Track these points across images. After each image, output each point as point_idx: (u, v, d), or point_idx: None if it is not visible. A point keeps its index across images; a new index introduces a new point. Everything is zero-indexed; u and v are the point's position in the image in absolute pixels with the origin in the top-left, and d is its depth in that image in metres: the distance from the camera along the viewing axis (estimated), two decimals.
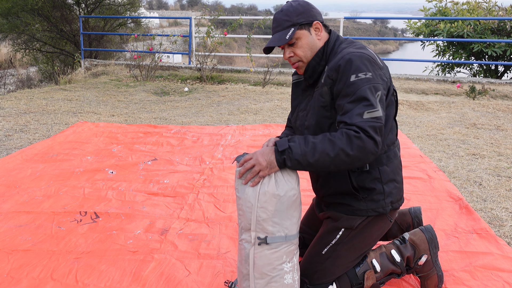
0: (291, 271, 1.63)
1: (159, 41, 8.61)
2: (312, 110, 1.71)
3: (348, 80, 1.55)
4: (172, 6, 65.99)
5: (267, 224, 1.57)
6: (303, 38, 1.69)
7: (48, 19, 11.90)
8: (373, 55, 1.64)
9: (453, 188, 2.89)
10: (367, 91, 1.52)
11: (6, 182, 2.99)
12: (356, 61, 1.56)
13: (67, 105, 5.63)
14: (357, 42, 1.72)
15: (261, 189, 1.57)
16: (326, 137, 1.52)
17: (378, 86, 1.56)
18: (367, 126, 1.48)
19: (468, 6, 9.21)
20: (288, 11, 1.70)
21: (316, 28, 1.70)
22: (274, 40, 1.70)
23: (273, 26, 1.74)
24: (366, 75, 1.55)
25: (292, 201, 1.60)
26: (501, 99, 6.48)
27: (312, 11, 1.71)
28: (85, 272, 1.98)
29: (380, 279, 1.77)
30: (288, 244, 1.61)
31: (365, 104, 1.51)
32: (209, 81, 8.05)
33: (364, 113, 1.50)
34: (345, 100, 1.55)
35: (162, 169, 3.29)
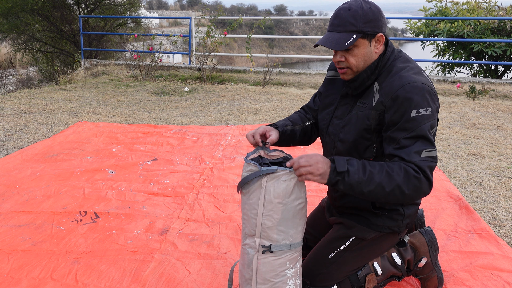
0: (293, 277, 1.62)
1: (159, 41, 8.61)
2: (351, 126, 1.62)
3: (407, 115, 1.47)
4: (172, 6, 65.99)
5: (272, 232, 1.55)
6: (362, 47, 1.55)
7: (48, 19, 11.90)
8: (431, 84, 1.55)
9: (453, 188, 2.89)
10: (427, 129, 1.46)
11: (6, 182, 2.99)
12: (418, 94, 1.47)
13: (67, 105, 5.63)
14: (412, 63, 1.60)
15: (266, 196, 1.53)
16: (384, 168, 1.44)
17: (434, 122, 1.50)
18: (426, 166, 1.44)
19: (468, 6, 9.21)
20: (357, 14, 1.52)
21: (378, 40, 1.57)
22: (331, 41, 1.54)
23: (333, 21, 1.57)
24: (427, 111, 1.47)
25: (298, 210, 1.57)
26: (501, 99, 6.48)
27: (381, 21, 1.56)
28: (85, 272, 1.98)
29: (381, 281, 1.77)
30: (292, 252, 1.60)
31: (425, 142, 1.46)
32: (209, 81, 8.05)
33: (423, 152, 1.45)
34: (401, 135, 1.47)
35: (162, 169, 3.29)
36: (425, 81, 1.52)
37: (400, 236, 1.75)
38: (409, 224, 1.74)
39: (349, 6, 1.55)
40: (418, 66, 1.60)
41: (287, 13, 67.51)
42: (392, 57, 1.61)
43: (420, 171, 1.43)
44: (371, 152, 1.61)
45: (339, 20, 1.55)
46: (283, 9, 66.71)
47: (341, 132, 1.65)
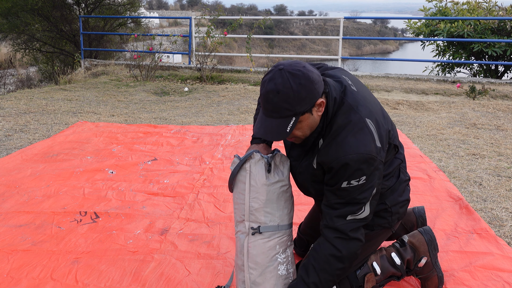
0: (285, 263, 1.67)
1: (159, 41, 8.61)
2: (305, 176, 1.64)
3: (339, 184, 1.49)
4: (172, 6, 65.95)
5: (260, 214, 1.64)
6: (304, 121, 1.47)
7: (48, 19, 11.89)
8: (370, 143, 1.47)
9: (453, 188, 2.89)
10: (357, 197, 1.50)
11: (6, 182, 2.99)
12: (351, 168, 1.45)
13: (67, 105, 5.63)
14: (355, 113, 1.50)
15: (252, 180, 1.64)
16: (317, 269, 1.54)
17: (372, 185, 1.51)
18: (348, 230, 1.52)
19: (468, 6, 9.21)
20: (288, 97, 1.39)
21: (318, 105, 1.46)
22: (272, 132, 1.45)
23: (265, 105, 1.44)
24: (359, 181, 1.47)
25: (282, 192, 1.66)
26: (501, 99, 6.48)
27: (315, 89, 1.42)
28: (85, 272, 1.98)
29: (380, 281, 1.77)
30: (280, 234, 1.66)
31: (352, 207, 1.51)
32: (209, 81, 8.05)
33: (348, 216, 1.52)
34: (333, 198, 1.53)
35: (162, 169, 3.29)
36: (361, 147, 1.45)
37: (393, 229, 1.77)
38: (400, 217, 1.76)
39: (276, 88, 1.40)
40: (361, 119, 1.49)
41: (287, 13, 67.51)
42: (335, 109, 1.51)
43: (342, 235, 1.52)
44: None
45: (271, 105, 1.42)
46: (283, 9, 66.69)
47: (299, 176, 1.69)
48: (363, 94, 1.59)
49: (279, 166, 1.69)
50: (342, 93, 1.54)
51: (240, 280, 1.69)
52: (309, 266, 1.56)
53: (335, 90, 1.52)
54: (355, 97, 1.54)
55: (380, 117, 1.58)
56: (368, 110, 1.53)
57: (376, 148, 1.49)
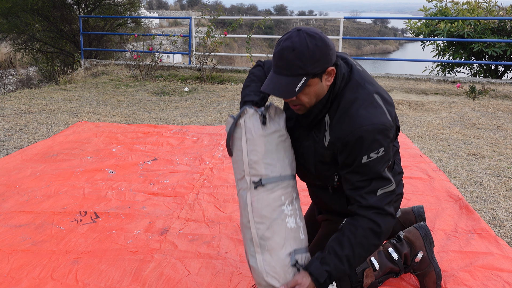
0: (293, 215, 1.59)
1: (159, 41, 8.61)
2: (308, 156, 1.62)
3: (358, 160, 1.46)
4: (172, 6, 65.94)
5: (260, 167, 1.56)
6: (313, 86, 1.46)
7: (48, 19, 11.89)
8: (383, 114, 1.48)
9: (453, 188, 2.89)
10: (381, 169, 1.47)
11: (6, 182, 2.99)
12: (368, 139, 1.44)
13: (67, 105, 5.63)
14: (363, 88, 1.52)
15: (248, 134, 1.57)
16: (353, 243, 1.48)
17: (389, 157, 1.49)
18: (384, 203, 1.47)
19: (468, 6, 9.21)
20: (303, 55, 1.40)
21: (329, 73, 1.47)
22: (280, 89, 1.44)
23: (278, 63, 1.44)
24: (378, 153, 1.45)
25: (280, 142, 1.60)
26: (501, 99, 6.48)
27: (329, 55, 1.44)
28: (85, 272, 1.98)
29: (379, 277, 1.78)
30: (284, 185, 1.59)
31: (379, 181, 1.47)
32: (209, 81, 8.05)
33: (378, 190, 1.47)
34: (355, 178, 1.48)
35: (162, 169, 3.29)
36: (376, 120, 1.45)
37: None
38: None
39: (292, 45, 1.41)
40: (369, 93, 1.51)
41: (287, 13, 67.50)
42: (343, 84, 1.52)
43: (379, 211, 1.48)
44: (333, 180, 1.62)
45: (285, 62, 1.42)
46: (283, 9, 66.69)
47: (300, 157, 1.66)
48: (368, 74, 1.62)
49: (274, 118, 1.61)
50: (349, 71, 1.55)
51: (248, 239, 1.58)
52: (344, 239, 1.49)
53: (343, 67, 1.54)
54: (361, 75, 1.56)
55: (386, 95, 1.59)
56: (375, 87, 1.56)
57: (389, 121, 1.50)
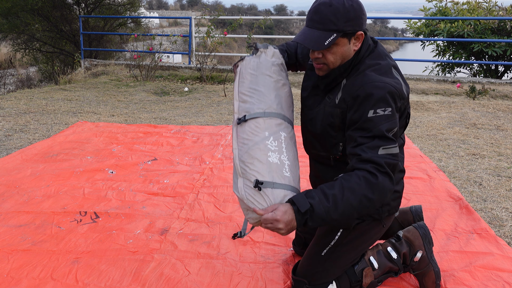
0: (277, 151, 1.56)
1: (159, 41, 8.60)
2: (318, 121, 1.64)
3: (365, 115, 1.46)
4: (172, 6, 65.89)
5: (245, 95, 1.66)
6: (341, 45, 1.52)
7: (48, 19, 11.89)
8: (398, 83, 1.51)
9: (453, 188, 2.89)
10: (384, 128, 1.45)
11: (6, 182, 2.99)
12: (377, 95, 1.45)
13: (67, 105, 5.63)
14: (383, 59, 1.57)
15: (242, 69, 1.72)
16: (343, 185, 1.41)
17: (395, 122, 1.48)
18: (383, 161, 1.43)
19: (468, 6, 9.21)
20: (338, 11, 1.47)
21: (357, 38, 1.53)
22: (311, 40, 1.49)
23: (312, 16, 1.51)
24: (385, 111, 1.45)
25: (271, 82, 1.66)
26: (501, 99, 6.48)
27: (362, 18, 1.51)
28: (85, 272, 1.98)
29: (378, 276, 1.78)
30: (269, 121, 1.60)
31: (382, 140, 1.45)
32: (209, 81, 8.05)
33: (380, 149, 1.44)
34: (359, 134, 1.47)
35: (162, 169, 3.29)
36: (389, 81, 1.49)
37: (383, 223, 1.74)
38: (391, 210, 1.73)
39: (330, 2, 1.48)
40: (389, 64, 1.56)
41: (287, 13, 67.46)
42: (366, 54, 1.58)
43: (377, 166, 1.42)
44: (337, 149, 1.63)
45: (319, 16, 1.49)
46: (283, 9, 66.65)
47: (309, 123, 1.69)
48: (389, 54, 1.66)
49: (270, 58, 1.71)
50: (374, 45, 1.61)
51: (234, 172, 1.60)
52: (336, 183, 1.44)
53: (370, 39, 1.60)
54: (385, 51, 1.62)
55: (402, 76, 1.61)
56: (395, 63, 1.60)
57: (401, 89, 1.51)
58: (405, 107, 1.58)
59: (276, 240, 2.26)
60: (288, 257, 2.11)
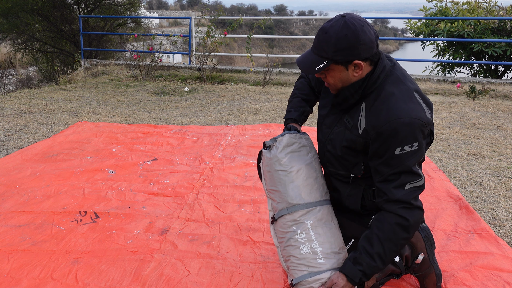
0: (306, 242, 1.67)
1: (159, 41, 8.61)
2: (337, 142, 1.65)
3: (391, 152, 1.47)
4: (172, 6, 65.86)
5: (270, 192, 1.77)
6: (337, 71, 1.54)
7: (48, 19, 11.89)
8: (422, 111, 1.50)
9: (453, 188, 2.89)
10: (411, 164, 1.47)
11: (6, 182, 2.99)
12: (403, 132, 1.45)
13: (67, 105, 5.63)
14: (404, 84, 1.55)
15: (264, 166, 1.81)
16: (381, 238, 1.52)
17: (421, 154, 1.50)
18: (411, 198, 1.48)
19: (468, 6, 9.21)
20: (329, 40, 1.48)
21: (356, 65, 1.52)
22: (305, 64, 1.56)
23: (314, 40, 1.57)
24: (412, 147, 1.46)
25: (285, 177, 1.72)
26: (501, 99, 6.48)
27: (356, 49, 1.48)
28: (85, 272, 1.98)
29: (380, 279, 1.78)
30: (289, 214, 1.70)
31: (408, 175, 1.48)
32: (209, 81, 8.05)
33: (406, 185, 1.48)
34: (385, 170, 1.49)
35: (162, 169, 3.29)
36: (415, 114, 1.48)
37: None
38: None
39: (327, 28, 1.50)
40: (410, 89, 1.55)
41: (287, 13, 67.44)
42: (383, 76, 1.56)
43: (406, 205, 1.50)
44: (359, 169, 1.64)
45: (316, 41, 1.54)
46: (283, 9, 66.63)
47: (329, 144, 1.70)
48: (409, 75, 1.66)
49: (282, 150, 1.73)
50: (392, 66, 1.60)
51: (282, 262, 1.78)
52: (373, 236, 1.53)
53: (386, 61, 1.59)
54: (404, 73, 1.61)
55: (425, 97, 1.61)
56: (415, 86, 1.60)
57: (427, 118, 1.52)
58: (430, 128, 1.57)
59: None
60: None
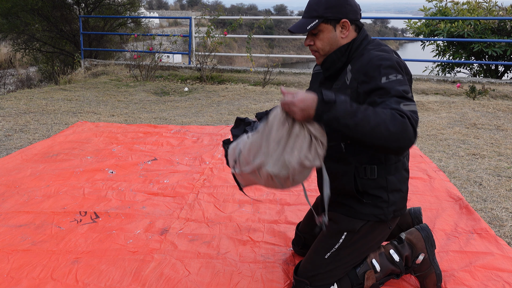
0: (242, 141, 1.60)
1: (159, 41, 8.61)
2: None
3: (378, 83, 1.50)
4: (172, 6, 65.82)
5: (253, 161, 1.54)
6: (326, 32, 1.66)
7: (48, 19, 11.89)
8: (402, 61, 1.60)
9: (453, 188, 2.89)
10: (400, 89, 1.48)
11: (6, 182, 2.99)
12: (386, 64, 1.53)
13: (67, 105, 5.63)
14: (385, 45, 1.68)
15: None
16: (371, 108, 1.41)
17: (408, 86, 1.53)
18: (409, 113, 1.40)
19: (468, 6, 9.21)
20: (320, 0, 1.65)
21: (343, 26, 1.65)
22: (297, 26, 1.68)
23: (305, 8, 1.71)
24: (396, 77, 1.51)
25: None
26: (501, 99, 6.48)
27: (344, 7, 1.64)
28: (85, 272, 1.98)
29: (380, 279, 1.78)
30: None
31: (400, 99, 1.45)
32: (209, 81, 8.05)
33: (401, 105, 1.43)
34: (379, 99, 1.47)
35: (162, 169, 3.29)
36: (394, 56, 1.58)
37: (389, 225, 1.75)
38: (397, 212, 1.73)
39: None
40: (390, 50, 1.66)
41: (287, 13, 67.40)
42: (365, 42, 1.68)
43: (401, 113, 1.39)
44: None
45: (307, 7, 1.69)
46: (283, 9, 66.60)
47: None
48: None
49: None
50: (374, 40, 1.72)
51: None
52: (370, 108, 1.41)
53: (368, 33, 1.71)
54: (382, 43, 1.70)
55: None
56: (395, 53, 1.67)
57: (405, 65, 1.59)
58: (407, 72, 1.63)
59: (276, 240, 2.26)
60: (288, 256, 2.11)
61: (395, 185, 1.69)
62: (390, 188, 1.69)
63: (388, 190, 1.69)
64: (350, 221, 1.71)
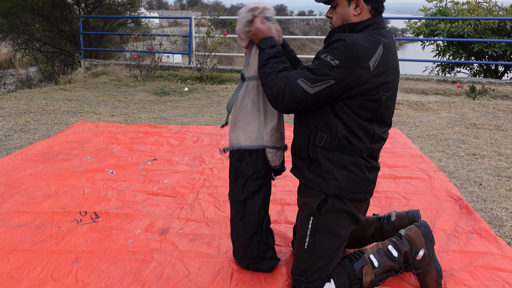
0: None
1: (159, 41, 8.61)
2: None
3: (320, 54, 1.65)
4: (172, 6, 65.81)
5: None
6: (341, 6, 1.72)
7: (48, 19, 11.89)
8: (370, 47, 1.60)
9: (453, 188, 2.89)
10: (318, 70, 1.60)
11: (6, 182, 2.99)
12: (340, 45, 1.59)
13: (67, 105, 5.63)
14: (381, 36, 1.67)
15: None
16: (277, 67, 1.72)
17: (331, 75, 1.58)
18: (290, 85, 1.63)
19: (468, 6, 9.21)
20: None
21: (357, 4, 1.69)
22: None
23: None
24: (332, 60, 1.59)
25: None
26: (501, 99, 6.48)
27: None
28: (85, 272, 1.98)
29: (379, 275, 1.78)
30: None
31: (309, 74, 1.62)
32: (209, 81, 8.05)
33: (299, 79, 1.62)
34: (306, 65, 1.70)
35: (162, 169, 3.29)
36: (359, 39, 1.60)
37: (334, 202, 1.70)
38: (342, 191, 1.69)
39: None
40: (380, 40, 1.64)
41: (287, 13, 67.41)
42: (370, 26, 1.70)
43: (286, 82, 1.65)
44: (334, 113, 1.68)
45: None
46: (283, 9, 66.64)
47: None
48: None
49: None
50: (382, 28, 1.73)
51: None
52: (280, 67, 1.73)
53: (381, 23, 1.73)
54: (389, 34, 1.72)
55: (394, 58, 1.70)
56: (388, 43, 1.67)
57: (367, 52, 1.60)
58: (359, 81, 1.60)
59: (276, 240, 2.26)
60: (288, 256, 2.11)
61: (343, 163, 1.68)
62: (337, 162, 1.68)
63: (333, 163, 1.68)
64: (306, 195, 1.77)
